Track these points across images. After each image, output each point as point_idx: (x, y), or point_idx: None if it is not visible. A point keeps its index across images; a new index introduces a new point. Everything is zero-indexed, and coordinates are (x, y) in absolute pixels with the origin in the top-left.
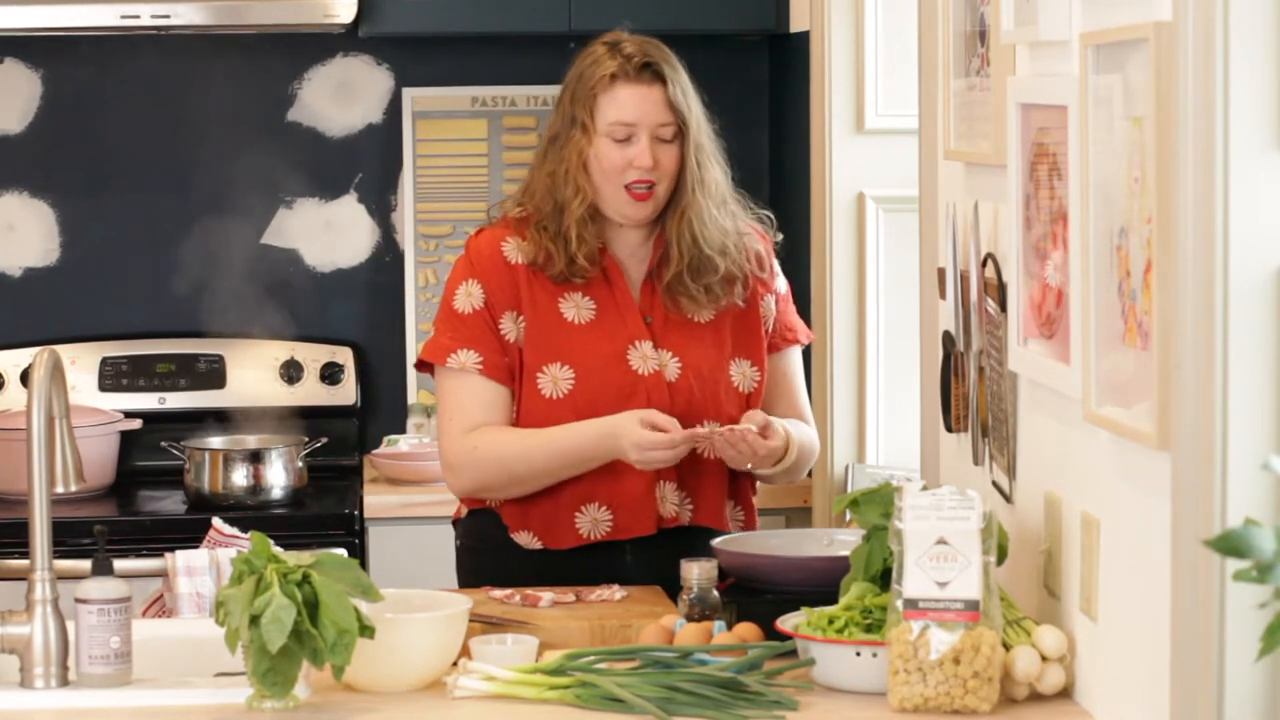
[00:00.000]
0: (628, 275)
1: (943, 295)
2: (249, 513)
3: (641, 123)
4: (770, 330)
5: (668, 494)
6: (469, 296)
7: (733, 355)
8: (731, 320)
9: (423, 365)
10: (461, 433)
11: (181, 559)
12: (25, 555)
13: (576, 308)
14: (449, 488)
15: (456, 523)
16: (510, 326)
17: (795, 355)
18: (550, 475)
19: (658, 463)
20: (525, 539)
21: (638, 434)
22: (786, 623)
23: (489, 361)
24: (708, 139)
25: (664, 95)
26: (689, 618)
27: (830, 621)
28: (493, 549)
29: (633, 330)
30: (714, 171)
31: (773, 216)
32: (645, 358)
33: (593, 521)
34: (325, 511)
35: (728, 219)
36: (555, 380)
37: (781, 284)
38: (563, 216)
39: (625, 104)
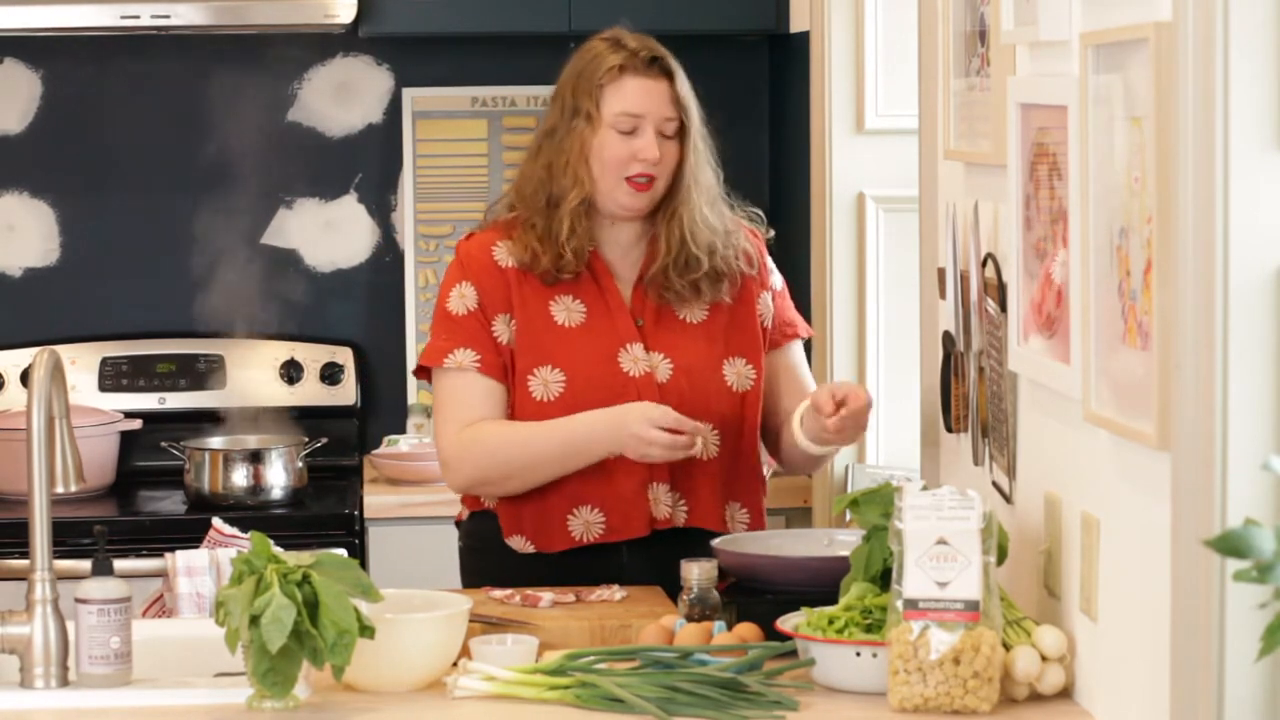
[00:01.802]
0: (618, 277)
1: (943, 295)
2: (249, 513)
3: (648, 115)
4: (769, 327)
5: (660, 495)
6: (462, 298)
7: (726, 355)
8: (725, 319)
9: (420, 371)
10: (458, 429)
11: (181, 559)
12: (25, 555)
13: (567, 311)
14: (448, 485)
15: (459, 524)
16: (502, 329)
17: (799, 349)
18: (547, 466)
19: (653, 454)
20: (519, 543)
21: (645, 418)
22: (786, 623)
23: (486, 360)
24: (703, 139)
25: (671, 90)
26: (689, 618)
27: (830, 622)
28: (495, 550)
29: (623, 333)
30: (708, 172)
31: (762, 213)
32: (636, 360)
33: (585, 524)
34: (325, 511)
35: (717, 218)
36: (546, 383)
37: (777, 280)
38: (557, 209)
39: (633, 95)
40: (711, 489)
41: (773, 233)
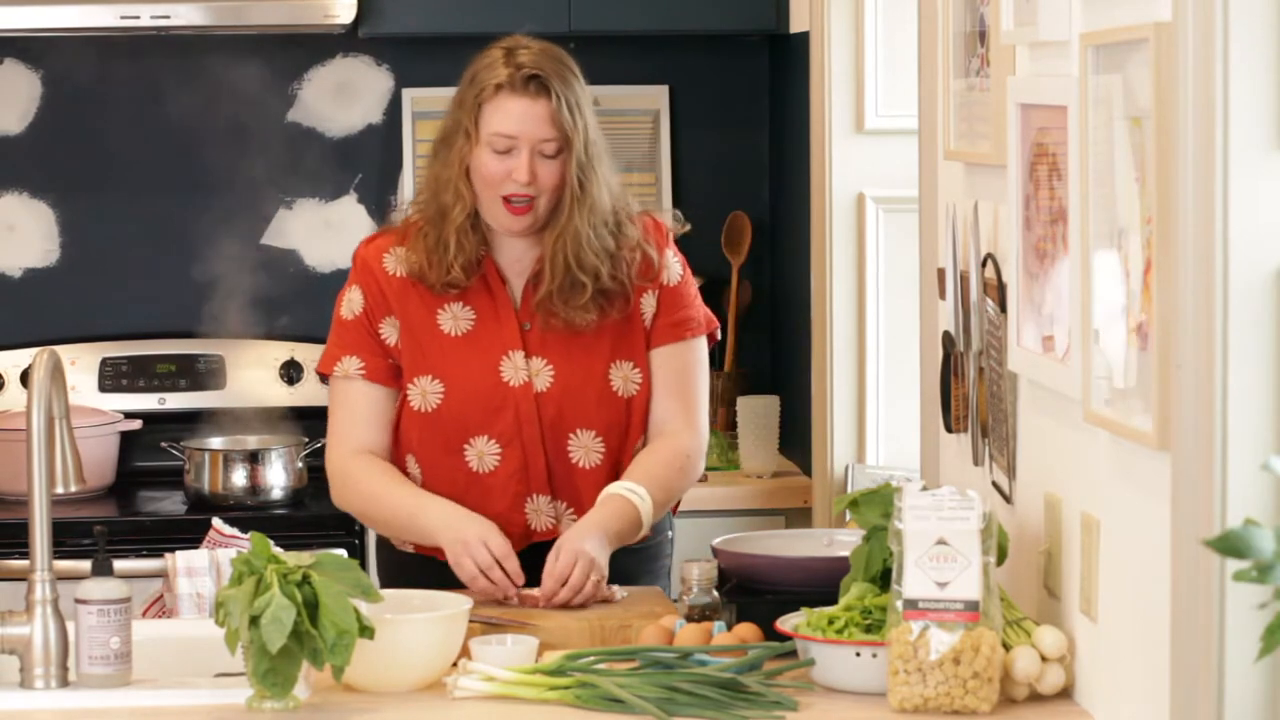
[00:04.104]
0: (509, 283)
1: (943, 295)
2: (249, 513)
3: (522, 136)
4: (650, 326)
5: (541, 507)
6: (350, 303)
7: (613, 359)
8: (615, 321)
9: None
10: (344, 446)
11: (181, 559)
12: (25, 555)
13: (454, 319)
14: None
15: None
16: (390, 332)
17: (688, 349)
18: (399, 532)
19: (462, 568)
20: (398, 541)
21: (484, 539)
22: (786, 623)
23: (370, 365)
24: (597, 154)
25: (548, 110)
26: (689, 618)
27: (830, 622)
28: (389, 548)
29: (508, 340)
30: (598, 188)
31: (680, 215)
32: (517, 369)
33: None
34: (325, 512)
35: (609, 238)
36: (425, 393)
37: (673, 275)
38: (444, 223)
39: (507, 116)
40: (595, 496)
41: (688, 227)
